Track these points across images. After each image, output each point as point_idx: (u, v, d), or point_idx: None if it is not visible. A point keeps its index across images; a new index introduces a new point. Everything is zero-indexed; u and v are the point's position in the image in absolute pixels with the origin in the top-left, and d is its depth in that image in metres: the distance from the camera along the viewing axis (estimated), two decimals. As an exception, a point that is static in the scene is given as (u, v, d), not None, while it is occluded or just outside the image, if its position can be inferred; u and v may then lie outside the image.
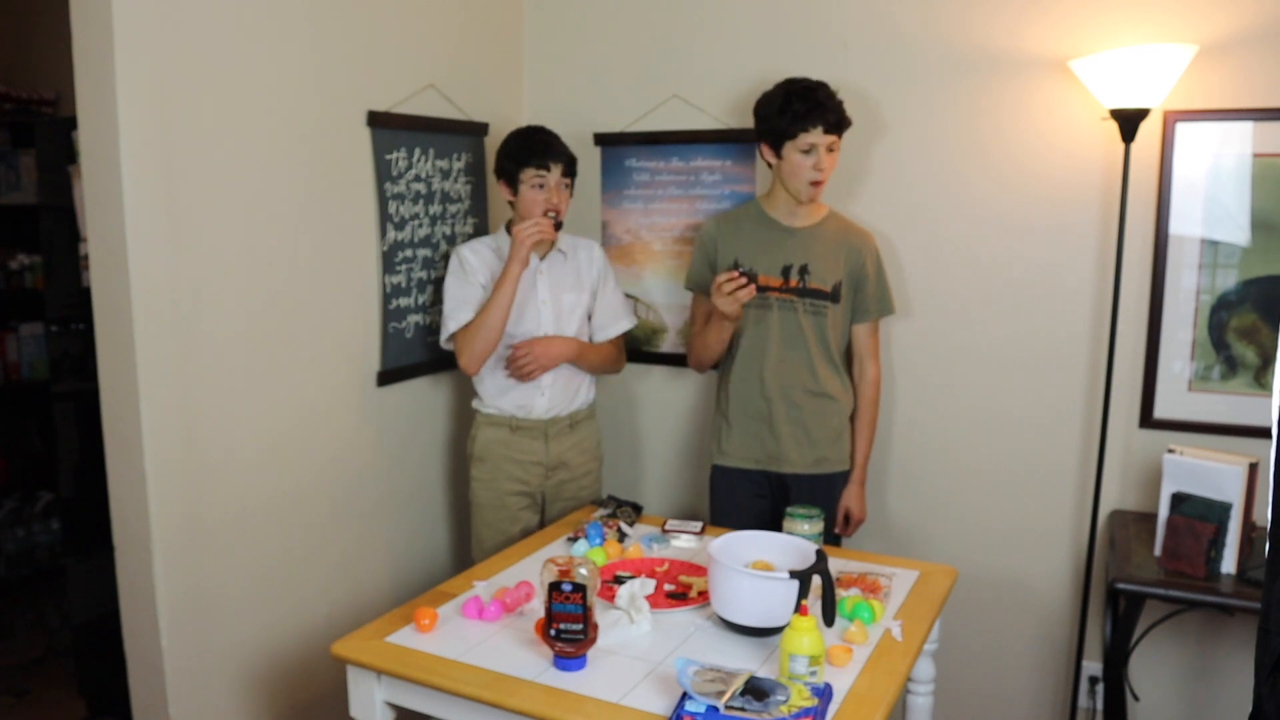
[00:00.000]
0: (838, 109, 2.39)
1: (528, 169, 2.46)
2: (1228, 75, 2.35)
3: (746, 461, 2.56)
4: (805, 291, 2.48)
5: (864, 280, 2.53)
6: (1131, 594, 2.15)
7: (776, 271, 2.48)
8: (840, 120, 2.39)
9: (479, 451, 2.59)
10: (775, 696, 1.50)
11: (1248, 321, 2.41)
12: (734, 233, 2.54)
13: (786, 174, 2.43)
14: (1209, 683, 2.56)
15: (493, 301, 2.45)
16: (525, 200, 2.48)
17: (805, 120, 2.36)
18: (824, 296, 2.48)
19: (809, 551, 1.84)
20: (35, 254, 3.75)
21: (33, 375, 3.81)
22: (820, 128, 2.36)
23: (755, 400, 2.52)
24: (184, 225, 2.09)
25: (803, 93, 2.38)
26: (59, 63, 2.41)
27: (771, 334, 2.49)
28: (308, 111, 2.35)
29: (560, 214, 2.49)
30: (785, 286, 2.48)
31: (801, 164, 2.39)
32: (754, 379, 2.51)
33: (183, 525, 2.14)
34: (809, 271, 2.48)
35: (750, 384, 2.52)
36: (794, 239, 2.50)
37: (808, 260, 2.48)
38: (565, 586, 1.66)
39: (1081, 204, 2.52)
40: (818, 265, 2.48)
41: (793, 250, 2.49)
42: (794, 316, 2.48)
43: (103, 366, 2.09)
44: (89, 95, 1.99)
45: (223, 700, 2.27)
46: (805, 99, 2.36)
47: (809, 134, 2.36)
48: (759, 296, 2.43)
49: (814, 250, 2.49)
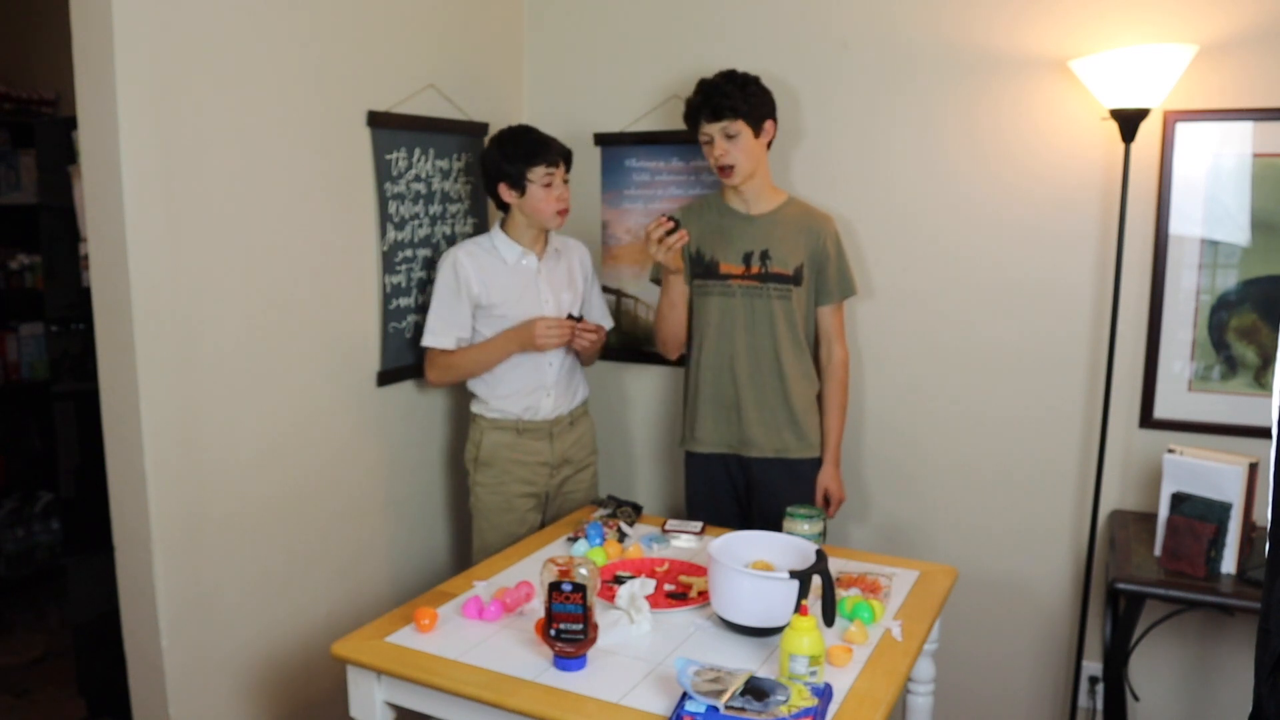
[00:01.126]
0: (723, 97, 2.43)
1: (537, 168, 2.44)
2: (1228, 75, 2.35)
3: (718, 446, 2.60)
4: (767, 276, 2.51)
5: (825, 262, 2.55)
6: (1131, 594, 2.15)
7: (738, 259, 2.52)
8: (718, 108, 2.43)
9: (484, 457, 2.57)
10: (775, 696, 1.50)
11: (1248, 321, 2.41)
12: (695, 221, 2.58)
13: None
14: (1209, 683, 2.56)
15: (478, 359, 2.53)
16: (536, 200, 2.47)
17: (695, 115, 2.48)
18: (786, 280, 2.52)
19: (809, 551, 1.85)
20: (35, 254, 3.75)
21: (33, 375, 3.81)
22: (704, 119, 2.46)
23: (723, 385, 2.56)
24: (184, 225, 2.09)
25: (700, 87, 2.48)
26: (59, 63, 2.41)
27: (737, 319, 2.53)
28: (308, 111, 2.35)
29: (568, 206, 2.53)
30: (746, 273, 2.52)
31: (708, 155, 2.50)
32: (721, 365, 2.55)
33: (183, 525, 2.14)
34: (770, 256, 2.52)
35: (717, 370, 2.56)
36: (753, 226, 2.54)
37: (768, 245, 2.52)
38: (565, 586, 1.66)
39: (1081, 204, 2.52)
40: (778, 250, 2.52)
41: (753, 237, 2.53)
42: (761, 302, 2.52)
43: (103, 366, 2.09)
44: (89, 95, 1.99)
45: (223, 700, 2.27)
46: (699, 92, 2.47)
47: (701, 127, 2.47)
48: (721, 283, 2.52)
49: (774, 235, 2.53)
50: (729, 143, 2.45)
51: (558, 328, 2.45)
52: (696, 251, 2.57)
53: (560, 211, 2.50)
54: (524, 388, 2.54)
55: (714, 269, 2.55)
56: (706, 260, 2.56)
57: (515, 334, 2.49)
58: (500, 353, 2.51)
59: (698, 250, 2.57)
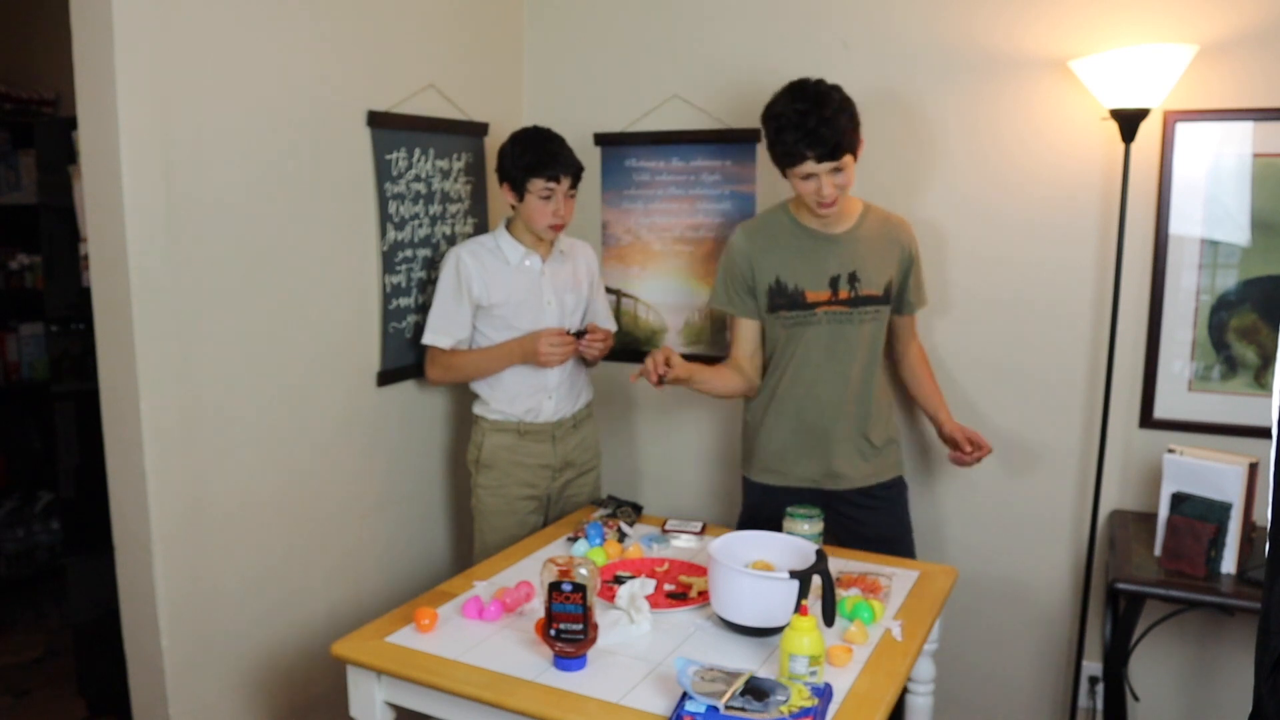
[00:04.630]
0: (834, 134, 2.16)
1: (537, 179, 2.42)
2: (1228, 75, 2.35)
3: (801, 480, 2.42)
4: (857, 300, 2.33)
5: (909, 271, 2.42)
6: (1131, 594, 2.15)
7: (824, 284, 2.33)
8: (836, 148, 2.17)
9: (486, 458, 2.57)
10: (775, 696, 1.50)
11: (1248, 321, 2.41)
12: (770, 246, 2.36)
13: (799, 194, 2.30)
14: (1209, 683, 2.56)
15: (479, 364, 2.53)
16: (531, 209, 2.46)
17: (793, 156, 2.20)
18: (876, 301, 2.35)
19: (809, 551, 1.84)
20: (35, 254, 3.75)
21: (33, 375, 3.81)
22: (811, 160, 2.19)
23: (810, 418, 2.38)
24: (184, 225, 2.09)
25: (794, 119, 2.18)
26: (59, 63, 2.41)
27: (822, 348, 2.34)
28: (308, 111, 2.35)
29: (568, 221, 2.51)
30: (834, 299, 2.32)
31: (804, 189, 2.26)
32: (807, 396, 2.37)
33: (183, 525, 2.14)
34: (859, 279, 2.33)
35: (803, 401, 2.38)
36: (837, 246, 2.34)
37: (855, 266, 2.33)
38: (565, 586, 1.66)
39: (1081, 204, 2.52)
40: (866, 269, 2.33)
41: (838, 258, 2.33)
42: (847, 328, 2.34)
43: (103, 366, 2.09)
44: (89, 95, 1.99)
45: (223, 700, 2.27)
46: (796, 128, 2.18)
47: (802, 166, 2.21)
48: (808, 314, 2.32)
49: (859, 253, 2.34)
50: (836, 176, 2.21)
51: (561, 345, 2.44)
52: (776, 281, 2.34)
53: (553, 226, 2.47)
54: (525, 390, 2.54)
55: (799, 299, 2.33)
56: (790, 290, 2.33)
57: (519, 345, 2.48)
58: (502, 362, 2.51)
59: (777, 280, 2.34)
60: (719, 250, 2.93)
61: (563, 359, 2.47)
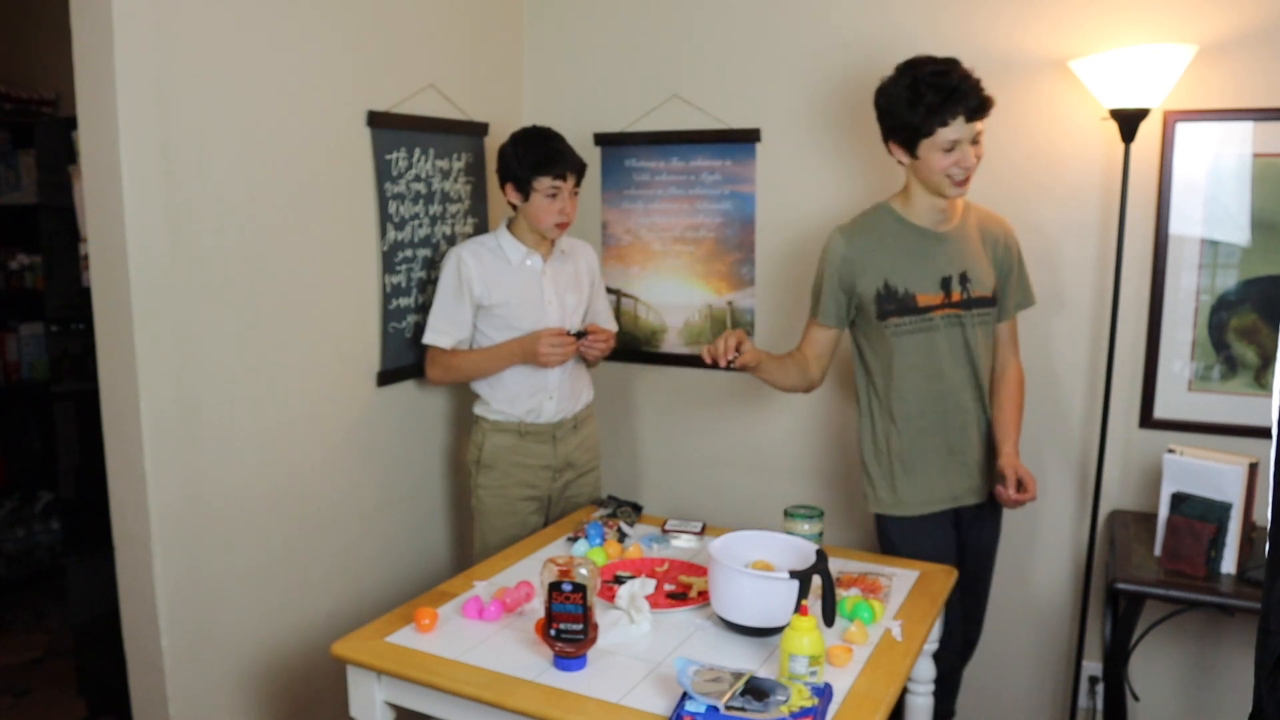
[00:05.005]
0: (977, 91, 2.06)
1: (543, 178, 2.42)
2: (1228, 75, 2.35)
3: (940, 504, 2.27)
4: (970, 302, 2.20)
5: (1011, 272, 2.31)
6: (1131, 594, 2.15)
7: (935, 286, 2.19)
8: (983, 103, 2.07)
9: (487, 459, 2.57)
10: (775, 696, 1.50)
11: (1248, 321, 2.41)
12: (876, 248, 2.20)
13: (922, 174, 2.14)
14: (1209, 683, 2.56)
15: (479, 364, 2.52)
16: (537, 208, 2.46)
17: (942, 113, 2.03)
18: (987, 303, 2.24)
19: (809, 551, 1.84)
20: (35, 254, 3.75)
21: (33, 375, 3.81)
22: (961, 118, 2.04)
23: (942, 432, 2.24)
24: (184, 225, 2.09)
25: (930, 79, 2.04)
26: (59, 63, 2.41)
27: (943, 355, 2.21)
28: (308, 111, 2.35)
29: (573, 220, 2.51)
30: (947, 301, 2.19)
31: (942, 163, 2.08)
32: (934, 410, 2.23)
33: (183, 525, 2.14)
34: (969, 279, 2.20)
35: (931, 416, 2.24)
36: (945, 244, 2.20)
37: (965, 266, 2.20)
38: (565, 586, 1.66)
39: (1081, 204, 2.52)
40: (975, 268, 2.21)
41: (948, 258, 2.20)
42: (959, 332, 2.21)
43: (103, 366, 2.09)
44: (89, 95, 1.99)
45: (223, 700, 2.27)
46: (936, 87, 2.03)
47: (949, 128, 2.04)
48: (920, 318, 2.18)
49: (967, 252, 2.21)
50: (975, 148, 2.09)
51: (561, 346, 2.44)
52: (885, 285, 2.18)
53: (559, 224, 2.48)
54: (526, 391, 2.54)
55: (910, 303, 2.18)
56: (900, 294, 2.18)
57: (519, 345, 2.48)
58: (502, 362, 2.51)
59: (886, 284, 2.18)
60: (719, 250, 2.93)
61: (563, 359, 2.47)
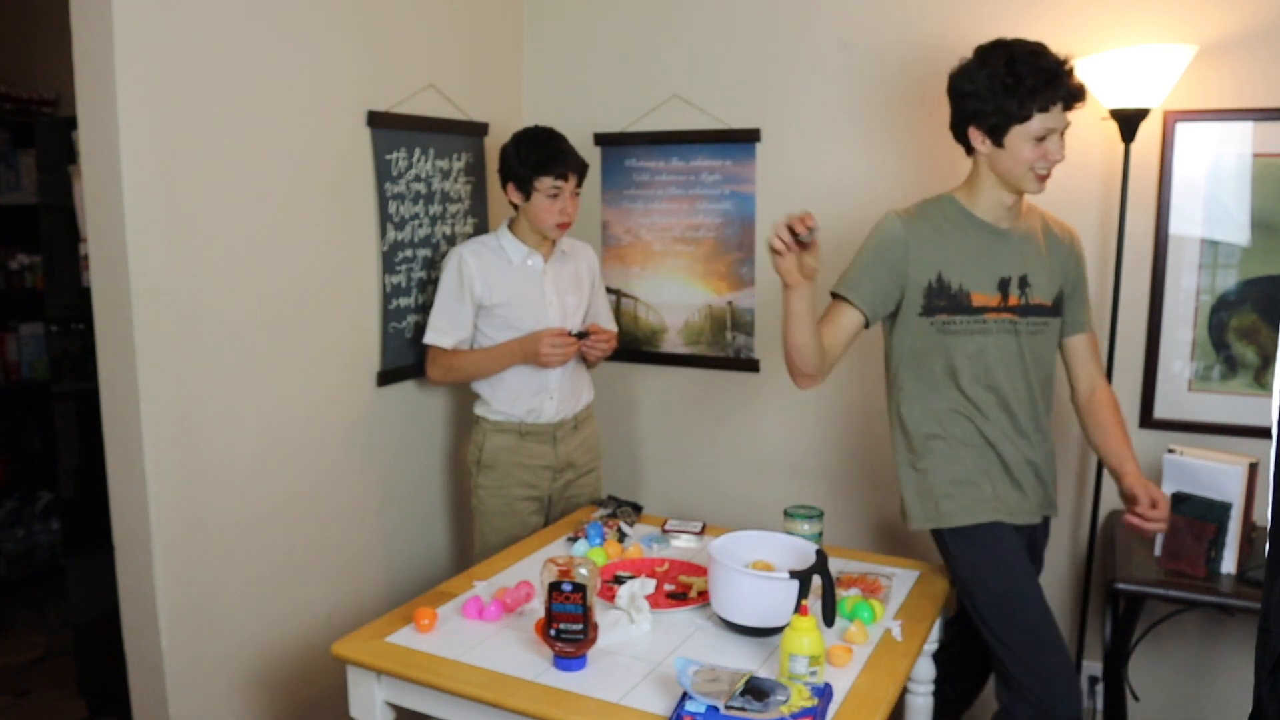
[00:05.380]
0: (1074, 77, 1.90)
1: (544, 178, 2.42)
2: (1228, 75, 2.35)
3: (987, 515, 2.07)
4: (1027, 309, 2.03)
5: (1078, 284, 2.13)
6: (1131, 594, 2.15)
7: (993, 287, 2.02)
8: (1081, 91, 1.91)
9: (487, 459, 2.57)
10: (775, 696, 1.50)
11: (1248, 321, 2.41)
12: (933, 238, 2.02)
13: (1007, 166, 1.95)
14: (1209, 683, 2.56)
15: (480, 364, 2.52)
16: (538, 208, 2.46)
17: (1041, 98, 1.86)
18: (1045, 312, 2.06)
19: (809, 551, 1.84)
20: (35, 254, 3.75)
21: (33, 375, 3.81)
22: (1060, 104, 1.89)
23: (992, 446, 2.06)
24: (184, 225, 2.09)
25: (1029, 60, 1.87)
26: (59, 63, 2.41)
27: (995, 363, 2.03)
28: (308, 111, 2.35)
29: (574, 220, 2.51)
30: (1003, 305, 2.02)
31: (1029, 155, 1.92)
32: (985, 419, 2.06)
33: (183, 525, 2.14)
34: (1029, 283, 2.03)
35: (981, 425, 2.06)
36: (1008, 244, 2.04)
37: (1026, 269, 2.03)
38: (565, 586, 1.66)
39: (1081, 204, 2.52)
40: (1037, 273, 2.04)
41: (1009, 259, 2.03)
42: (1013, 340, 2.04)
43: (103, 366, 2.09)
44: (89, 95, 1.99)
45: (223, 700, 2.27)
46: (1037, 70, 1.86)
47: (1048, 115, 1.88)
48: (974, 319, 2.01)
49: (1029, 255, 2.05)
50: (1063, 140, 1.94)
51: (562, 347, 2.44)
52: (938, 278, 2.01)
53: (560, 224, 2.48)
54: (526, 391, 2.54)
55: (964, 301, 2.01)
56: (953, 290, 2.02)
57: (520, 345, 2.48)
58: (503, 362, 2.51)
59: (939, 276, 2.01)
60: (719, 250, 2.93)
61: (563, 360, 2.47)
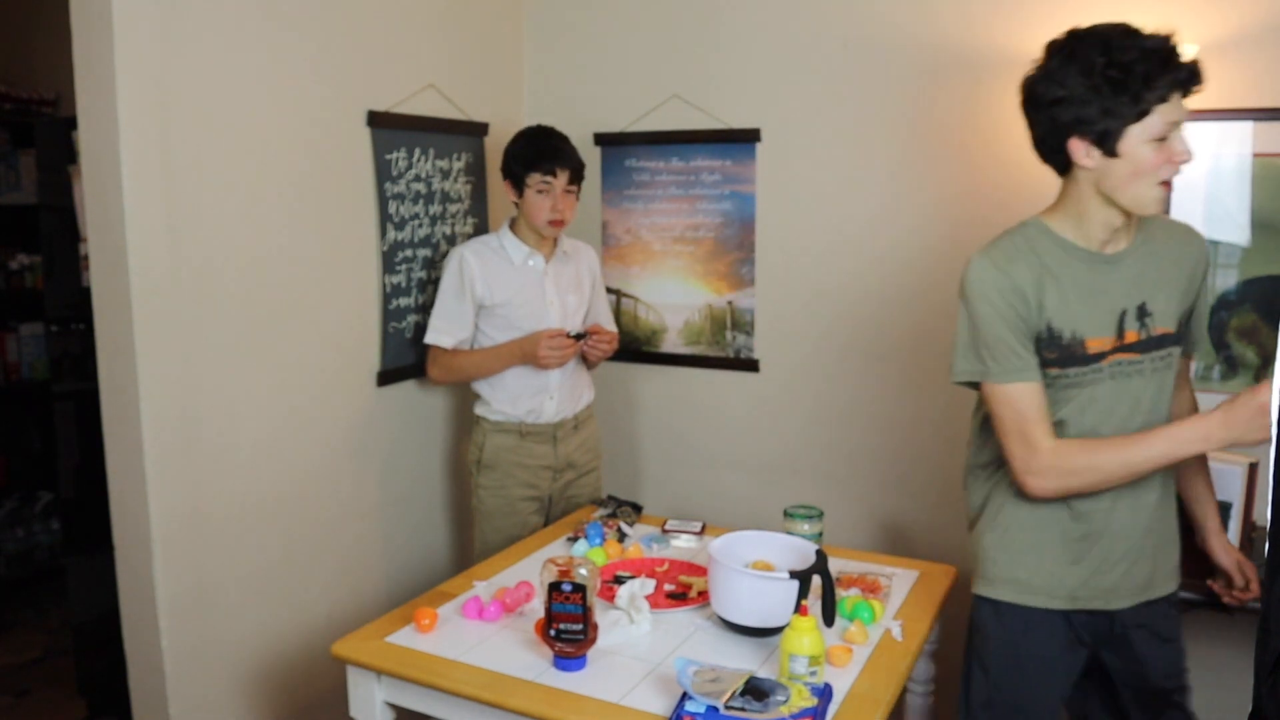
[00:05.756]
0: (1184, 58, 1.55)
1: (534, 173, 2.45)
2: (1228, 75, 2.34)
3: (1055, 599, 1.73)
4: (1149, 343, 1.66)
5: (1198, 298, 1.77)
6: (1131, 594, 2.14)
7: (1109, 327, 1.65)
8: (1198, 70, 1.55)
9: (487, 459, 2.57)
10: (775, 696, 1.50)
11: (1248, 321, 2.41)
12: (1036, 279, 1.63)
13: (1123, 180, 1.57)
14: (1209, 683, 2.55)
15: (480, 364, 2.53)
16: (530, 204, 2.47)
17: (1159, 86, 1.51)
18: (1170, 341, 1.69)
19: (809, 551, 1.84)
20: (35, 254, 3.75)
21: (33, 375, 3.81)
22: (1179, 93, 1.53)
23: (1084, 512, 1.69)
24: (184, 225, 2.09)
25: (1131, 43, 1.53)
26: (59, 63, 2.41)
27: (1097, 415, 1.67)
28: (308, 111, 2.35)
29: (568, 219, 2.51)
30: (1121, 344, 1.65)
31: (1154, 160, 1.55)
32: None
33: (183, 525, 2.14)
34: (1148, 312, 1.66)
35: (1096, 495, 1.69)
36: (1119, 271, 1.66)
37: (1144, 297, 1.66)
38: (565, 586, 1.66)
39: (1081, 204, 2.52)
40: (1158, 297, 1.67)
41: (1123, 288, 1.66)
42: (1134, 381, 1.67)
43: (103, 366, 2.10)
44: (89, 95, 1.99)
45: (223, 700, 2.27)
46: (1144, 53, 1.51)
47: (1168, 106, 1.52)
48: (1088, 369, 1.65)
49: (1148, 278, 1.67)
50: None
51: (560, 348, 2.44)
52: (1048, 328, 1.63)
53: (553, 222, 2.48)
54: (527, 391, 2.54)
55: (1078, 351, 1.64)
56: (1065, 339, 1.64)
57: (519, 346, 2.48)
58: (502, 362, 2.51)
59: (1049, 327, 1.63)
60: (719, 250, 2.93)
61: (562, 361, 2.47)
